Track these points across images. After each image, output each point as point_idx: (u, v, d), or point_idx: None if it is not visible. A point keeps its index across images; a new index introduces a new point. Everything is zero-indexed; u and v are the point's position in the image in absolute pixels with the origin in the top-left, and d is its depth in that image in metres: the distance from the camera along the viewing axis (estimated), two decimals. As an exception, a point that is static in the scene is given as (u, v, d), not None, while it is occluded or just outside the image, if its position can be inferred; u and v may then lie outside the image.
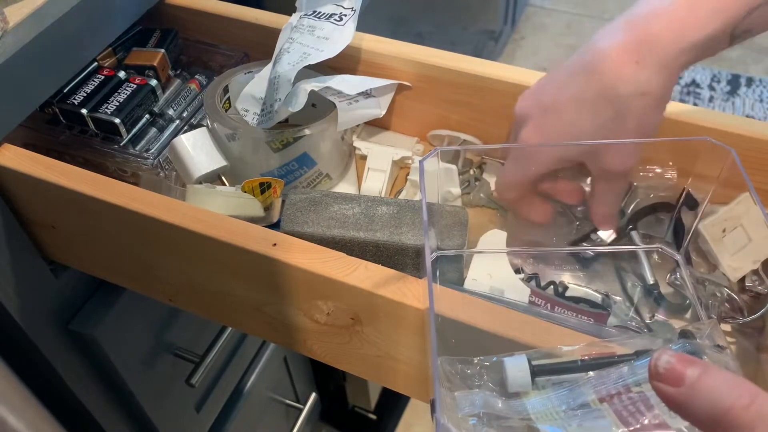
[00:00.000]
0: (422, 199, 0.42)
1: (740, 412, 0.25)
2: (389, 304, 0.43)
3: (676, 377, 0.27)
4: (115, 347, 0.68)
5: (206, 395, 0.91)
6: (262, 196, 0.54)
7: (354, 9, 0.60)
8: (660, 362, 0.27)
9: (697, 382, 0.26)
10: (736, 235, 0.51)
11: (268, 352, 1.03)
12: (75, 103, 0.58)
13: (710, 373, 0.26)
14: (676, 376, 0.27)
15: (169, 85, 0.64)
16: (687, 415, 0.27)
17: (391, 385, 0.50)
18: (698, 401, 0.26)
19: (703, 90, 2.10)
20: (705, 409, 0.26)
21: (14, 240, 0.57)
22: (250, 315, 0.53)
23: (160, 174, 0.58)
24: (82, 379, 0.70)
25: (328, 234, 0.50)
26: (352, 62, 0.62)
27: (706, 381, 0.26)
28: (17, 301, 0.58)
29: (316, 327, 0.49)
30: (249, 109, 0.60)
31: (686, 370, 0.26)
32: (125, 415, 0.78)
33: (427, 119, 0.63)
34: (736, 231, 0.51)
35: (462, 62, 0.59)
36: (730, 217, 0.51)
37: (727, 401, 0.25)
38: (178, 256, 0.52)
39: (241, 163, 0.59)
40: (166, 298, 0.58)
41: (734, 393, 0.25)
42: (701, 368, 0.26)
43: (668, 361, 0.27)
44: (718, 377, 0.26)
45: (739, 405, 0.25)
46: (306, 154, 0.58)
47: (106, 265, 0.59)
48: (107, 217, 0.51)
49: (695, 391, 0.26)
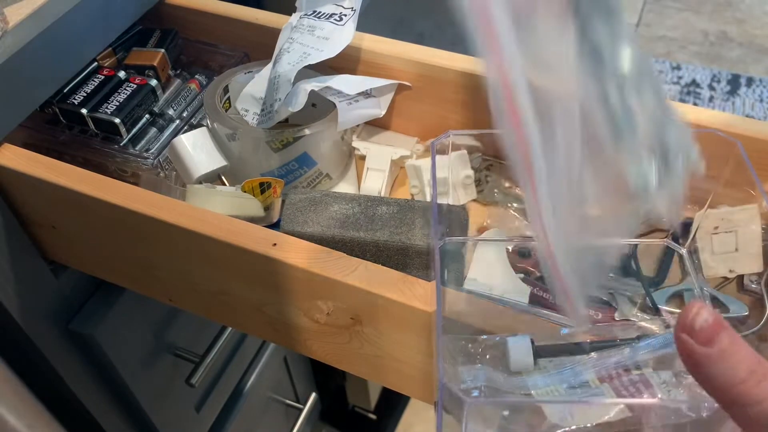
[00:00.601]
0: (432, 179, 0.42)
1: (751, 385, 0.26)
2: (389, 304, 0.43)
3: (708, 337, 0.27)
4: (115, 347, 0.68)
5: (206, 395, 0.91)
6: (262, 196, 0.54)
7: (354, 9, 0.60)
8: (698, 318, 0.27)
9: (726, 348, 0.26)
10: (727, 238, 0.51)
11: (268, 352, 1.03)
12: (75, 103, 0.58)
13: (738, 342, 0.27)
14: (708, 336, 0.27)
15: (169, 85, 0.64)
16: (701, 376, 0.27)
17: (391, 385, 0.50)
18: (719, 367, 0.26)
19: (703, 90, 2.10)
20: (721, 375, 0.26)
21: (14, 240, 0.57)
22: (250, 315, 0.53)
23: (160, 174, 0.58)
24: (82, 379, 0.70)
25: (328, 234, 0.50)
26: (352, 62, 0.62)
27: (731, 349, 0.26)
28: (17, 301, 0.58)
29: (316, 327, 0.49)
30: (249, 109, 0.60)
31: (719, 334, 0.27)
32: (125, 415, 0.78)
33: (427, 119, 0.63)
34: (729, 235, 0.51)
35: (462, 62, 0.59)
36: (729, 219, 0.51)
37: (744, 373, 0.26)
38: (178, 256, 0.52)
39: (241, 163, 0.59)
40: (166, 298, 0.58)
41: (751, 367, 0.26)
42: (731, 335, 0.27)
43: (706, 319, 0.27)
44: (743, 349, 0.27)
45: (753, 379, 0.26)
46: (306, 154, 0.58)
47: (106, 265, 0.59)
48: (107, 218, 0.51)
49: (721, 356, 0.26)
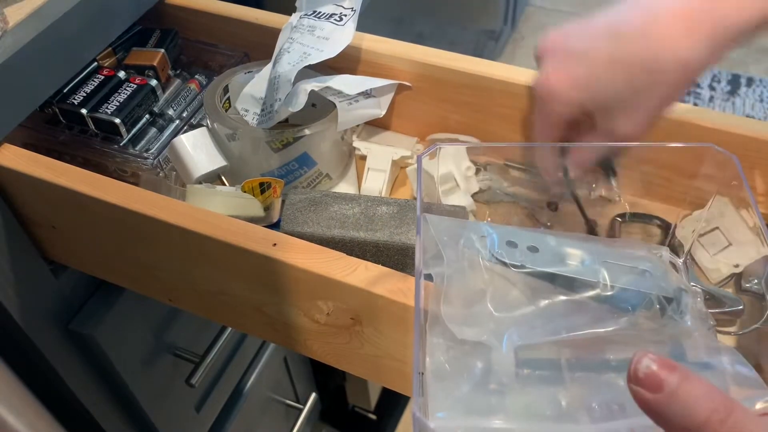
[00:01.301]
0: (417, 193, 0.42)
1: (716, 425, 0.25)
2: (389, 304, 0.43)
3: (655, 383, 0.26)
4: (115, 347, 0.68)
5: (206, 395, 0.91)
6: (262, 196, 0.54)
7: (354, 9, 0.60)
8: (641, 366, 0.26)
9: (675, 390, 0.25)
10: (714, 237, 0.51)
11: (268, 352, 1.03)
12: (75, 103, 0.58)
13: (690, 381, 0.26)
14: (655, 382, 0.26)
15: (169, 85, 0.64)
16: (661, 423, 0.26)
17: (391, 385, 0.50)
18: (674, 410, 0.25)
19: (703, 90, 2.10)
20: (680, 419, 0.25)
21: (14, 240, 0.57)
22: (250, 315, 0.53)
23: (159, 174, 0.58)
24: (82, 379, 0.70)
25: (328, 234, 0.50)
26: (352, 62, 0.62)
27: (684, 390, 0.25)
28: (17, 301, 0.58)
29: (316, 327, 0.49)
30: (249, 109, 0.60)
31: (666, 377, 0.26)
32: (125, 415, 0.78)
33: (427, 119, 0.63)
34: (714, 234, 0.51)
35: (462, 62, 0.59)
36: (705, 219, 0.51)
37: (703, 414, 0.25)
38: (178, 256, 0.52)
39: (241, 163, 0.59)
40: (165, 298, 0.58)
41: (711, 405, 0.25)
42: (681, 376, 0.26)
43: (648, 365, 0.26)
44: (697, 387, 0.25)
45: (715, 419, 0.25)
46: (306, 154, 0.58)
47: (106, 265, 0.59)
48: (107, 217, 0.51)
49: (673, 399, 0.25)
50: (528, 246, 0.42)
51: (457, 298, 0.39)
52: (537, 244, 0.42)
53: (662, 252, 0.45)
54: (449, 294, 0.39)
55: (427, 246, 0.41)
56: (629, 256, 0.41)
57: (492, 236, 0.42)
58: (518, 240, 0.42)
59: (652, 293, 0.40)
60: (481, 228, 0.43)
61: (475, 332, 0.37)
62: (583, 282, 0.40)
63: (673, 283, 0.41)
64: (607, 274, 0.40)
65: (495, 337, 0.37)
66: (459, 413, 0.35)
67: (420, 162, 0.43)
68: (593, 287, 0.40)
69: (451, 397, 0.35)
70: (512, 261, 0.41)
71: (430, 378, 0.36)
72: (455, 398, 0.35)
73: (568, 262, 0.41)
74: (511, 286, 0.40)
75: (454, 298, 0.39)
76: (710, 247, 0.52)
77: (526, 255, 0.41)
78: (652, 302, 0.40)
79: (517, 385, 0.36)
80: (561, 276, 0.40)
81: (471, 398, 0.36)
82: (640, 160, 0.52)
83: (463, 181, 0.57)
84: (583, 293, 0.39)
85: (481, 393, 0.36)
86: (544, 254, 0.41)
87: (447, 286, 0.39)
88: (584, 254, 0.41)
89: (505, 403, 0.36)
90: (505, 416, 0.35)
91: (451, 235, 0.42)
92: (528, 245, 0.42)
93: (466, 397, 0.35)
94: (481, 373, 0.36)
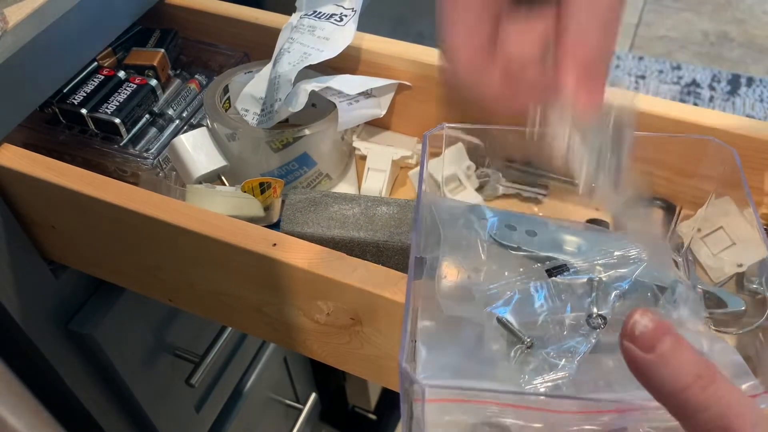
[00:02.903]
0: (420, 173, 0.42)
1: (696, 391, 0.25)
2: (389, 304, 0.43)
3: (648, 343, 0.26)
4: (115, 347, 0.68)
5: (206, 395, 0.91)
6: (262, 196, 0.54)
7: (354, 9, 0.60)
8: (638, 324, 0.26)
9: (666, 353, 0.26)
10: (718, 236, 0.51)
11: (268, 352, 1.03)
12: (75, 103, 0.58)
13: (681, 347, 0.26)
14: (648, 342, 0.26)
15: (168, 84, 0.64)
16: (648, 384, 0.26)
17: (391, 385, 0.50)
18: (662, 372, 0.26)
19: (703, 90, 2.10)
20: (665, 382, 0.26)
21: (14, 240, 0.57)
22: (250, 315, 0.53)
23: (159, 174, 0.58)
24: (82, 379, 0.70)
25: (328, 234, 0.50)
26: (352, 62, 0.62)
27: (674, 354, 0.26)
28: (17, 301, 0.58)
29: (316, 327, 0.49)
30: (249, 109, 0.60)
31: (660, 339, 0.26)
32: (125, 415, 0.78)
33: (427, 119, 0.63)
34: (718, 233, 0.51)
35: (462, 62, 0.59)
36: (706, 219, 0.51)
37: (688, 379, 0.25)
38: (178, 256, 0.52)
39: (241, 163, 0.59)
40: (165, 298, 0.58)
41: (696, 371, 0.25)
42: (674, 340, 0.26)
43: (646, 325, 0.26)
44: (687, 354, 0.26)
45: (697, 385, 0.25)
46: (306, 154, 0.58)
47: (106, 265, 0.59)
48: (107, 217, 0.51)
49: (662, 361, 0.26)
50: (526, 230, 0.42)
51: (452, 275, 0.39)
52: (536, 228, 0.42)
53: (663, 246, 0.45)
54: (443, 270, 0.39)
55: (430, 230, 0.41)
56: (626, 246, 0.42)
57: (492, 219, 0.42)
58: (517, 224, 0.42)
59: (645, 281, 0.40)
60: (483, 211, 0.43)
61: (464, 309, 0.38)
62: (577, 267, 0.40)
63: (668, 274, 0.41)
64: (601, 261, 0.40)
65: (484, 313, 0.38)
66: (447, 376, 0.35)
67: (425, 140, 0.43)
68: (587, 272, 0.40)
69: (440, 362, 0.36)
70: (509, 243, 0.41)
71: (421, 346, 0.36)
72: (444, 363, 0.36)
73: (565, 248, 0.41)
74: (505, 267, 0.40)
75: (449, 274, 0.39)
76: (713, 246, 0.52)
77: (523, 238, 0.42)
78: (645, 290, 0.40)
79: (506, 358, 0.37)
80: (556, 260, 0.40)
81: (461, 365, 0.36)
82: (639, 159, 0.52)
83: (467, 180, 0.58)
84: (577, 278, 0.40)
85: (472, 362, 0.36)
86: (542, 239, 0.42)
87: (442, 262, 0.39)
88: (581, 241, 0.42)
89: (495, 373, 0.36)
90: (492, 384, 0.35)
91: (452, 215, 0.42)
92: (526, 229, 0.42)
93: (455, 364, 0.36)
94: (473, 343, 0.37)
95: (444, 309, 0.37)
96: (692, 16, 2.39)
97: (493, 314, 0.37)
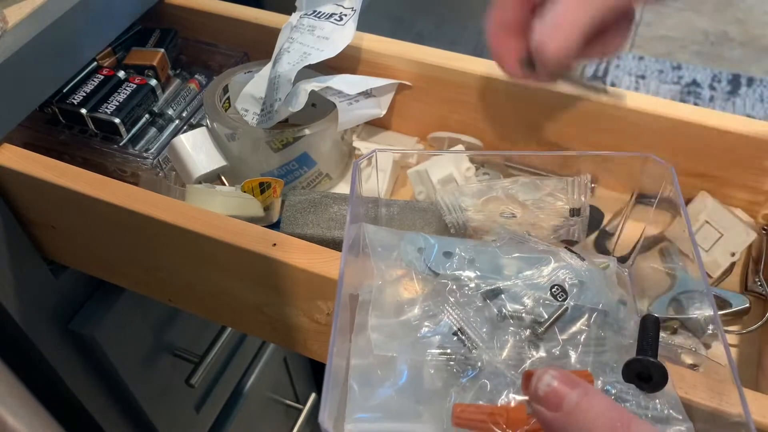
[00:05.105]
0: (350, 200, 0.42)
1: None
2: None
3: (554, 401, 0.26)
4: (114, 347, 0.68)
5: (206, 395, 0.91)
6: (262, 196, 0.54)
7: (354, 9, 0.60)
8: (541, 384, 0.26)
9: (574, 409, 0.25)
10: (706, 232, 0.52)
11: (268, 352, 1.03)
12: (74, 103, 0.58)
13: (589, 398, 0.25)
14: (554, 400, 0.26)
15: (168, 84, 0.64)
16: None
17: (391, 385, 0.50)
18: (573, 428, 0.25)
19: (703, 90, 2.10)
20: None
21: (14, 240, 0.57)
22: (250, 315, 0.53)
23: (159, 174, 0.58)
24: (82, 379, 0.70)
25: (328, 235, 0.50)
26: (352, 62, 0.62)
27: (583, 408, 0.25)
28: (17, 301, 0.58)
29: (316, 327, 0.49)
30: (249, 109, 0.60)
31: (566, 395, 0.25)
32: (125, 415, 0.78)
33: (427, 119, 0.63)
34: (704, 228, 0.52)
35: (462, 62, 0.59)
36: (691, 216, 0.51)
37: (603, 431, 0.25)
38: (178, 256, 0.52)
39: (241, 163, 0.59)
40: (165, 298, 0.58)
41: (609, 423, 0.25)
42: (581, 393, 0.25)
43: (548, 383, 0.26)
44: (596, 405, 0.25)
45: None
46: (306, 154, 0.58)
47: (106, 265, 0.59)
48: (107, 217, 0.51)
49: (571, 417, 0.25)
50: (465, 257, 0.41)
51: (385, 309, 0.38)
52: (474, 254, 0.41)
53: (609, 263, 0.44)
54: (377, 305, 0.38)
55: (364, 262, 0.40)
56: (565, 269, 0.40)
57: (431, 247, 0.41)
58: (456, 250, 0.41)
59: (586, 306, 0.39)
60: (419, 239, 0.42)
61: (393, 346, 0.37)
62: (515, 291, 0.39)
63: (610, 296, 0.40)
64: (539, 284, 0.39)
65: (414, 350, 0.37)
66: (379, 417, 0.34)
67: (356, 167, 0.43)
68: (524, 296, 0.39)
69: (372, 402, 0.35)
70: (445, 271, 0.40)
71: (353, 384, 0.35)
72: (377, 403, 0.35)
73: (504, 273, 0.40)
74: (441, 298, 0.39)
75: (382, 309, 0.38)
76: (704, 242, 0.52)
77: (461, 265, 0.40)
78: (584, 314, 0.38)
79: (438, 395, 0.36)
80: (498, 288, 0.39)
81: (394, 403, 0.35)
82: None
83: (464, 181, 0.57)
84: (516, 305, 0.39)
85: (408, 399, 0.35)
86: (481, 265, 0.41)
87: (375, 297, 0.38)
88: (522, 265, 0.41)
89: (430, 410, 0.35)
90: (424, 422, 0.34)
91: (386, 246, 0.41)
92: (465, 256, 0.41)
93: (388, 402, 0.35)
94: (409, 379, 0.36)
95: (374, 348, 0.37)
96: (692, 15, 2.39)
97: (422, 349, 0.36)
